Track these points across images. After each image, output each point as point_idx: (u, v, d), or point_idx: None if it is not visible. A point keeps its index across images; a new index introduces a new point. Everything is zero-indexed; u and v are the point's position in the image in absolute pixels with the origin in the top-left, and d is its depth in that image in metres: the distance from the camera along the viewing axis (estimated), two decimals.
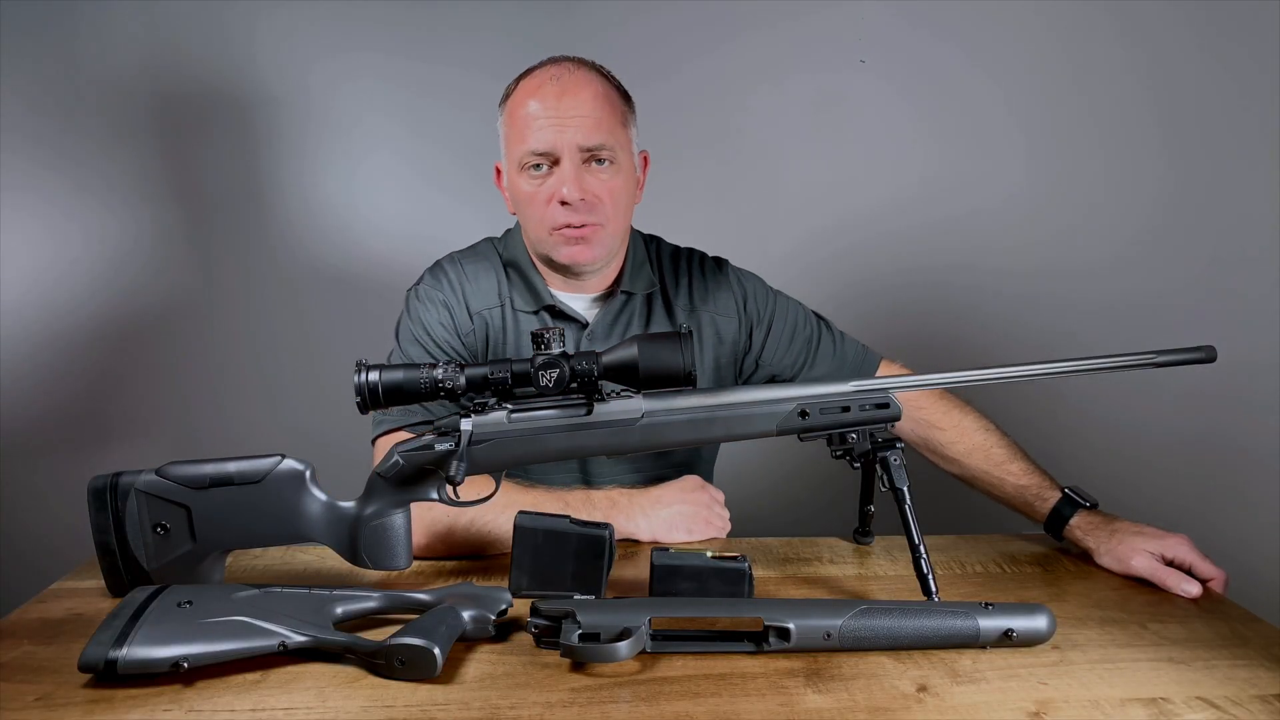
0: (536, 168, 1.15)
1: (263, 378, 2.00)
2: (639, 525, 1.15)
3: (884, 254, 1.99)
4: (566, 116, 1.13)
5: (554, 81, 1.14)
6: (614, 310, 1.26)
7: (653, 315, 1.28)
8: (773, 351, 1.32)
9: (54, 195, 1.90)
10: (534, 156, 1.14)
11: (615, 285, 1.27)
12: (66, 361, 1.93)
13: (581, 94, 1.14)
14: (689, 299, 1.30)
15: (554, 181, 1.15)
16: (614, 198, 1.17)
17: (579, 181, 1.14)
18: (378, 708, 0.75)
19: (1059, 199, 1.95)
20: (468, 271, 1.27)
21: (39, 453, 1.94)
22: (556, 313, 1.25)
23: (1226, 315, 1.89)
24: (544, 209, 1.16)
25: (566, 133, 1.13)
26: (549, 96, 1.13)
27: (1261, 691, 0.78)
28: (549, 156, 1.14)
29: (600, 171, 1.16)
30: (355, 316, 1.96)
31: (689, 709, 0.75)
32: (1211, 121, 1.88)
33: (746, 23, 1.93)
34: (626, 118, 1.20)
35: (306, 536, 0.96)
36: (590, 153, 1.14)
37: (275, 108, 1.93)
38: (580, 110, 1.13)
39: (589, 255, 1.18)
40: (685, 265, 1.33)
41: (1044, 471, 1.18)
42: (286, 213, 1.97)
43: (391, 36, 1.92)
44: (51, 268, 1.91)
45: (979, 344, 1.97)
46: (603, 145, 1.14)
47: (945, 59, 1.93)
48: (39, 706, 0.76)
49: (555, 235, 1.17)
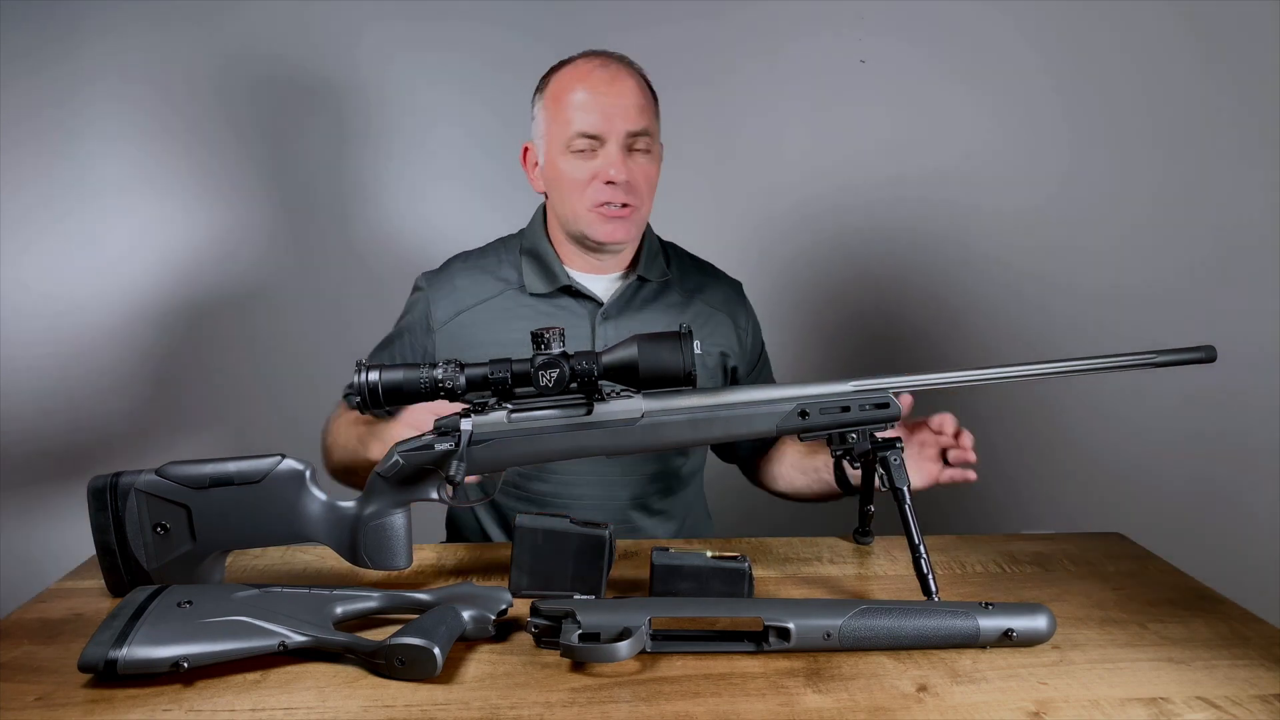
0: (581, 150, 1.22)
1: (262, 379, 2.00)
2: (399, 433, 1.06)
3: (883, 253, 1.99)
4: (614, 102, 1.21)
5: (602, 69, 1.23)
6: (628, 293, 1.30)
7: (668, 303, 1.33)
8: (745, 372, 1.40)
9: (54, 200, 1.89)
10: (582, 139, 1.21)
11: (629, 269, 1.32)
12: (67, 363, 1.93)
13: (627, 82, 1.23)
14: (702, 298, 1.36)
15: (600, 162, 1.22)
16: (649, 183, 1.26)
17: (624, 163, 1.21)
18: (378, 708, 0.75)
19: (1059, 198, 1.95)
20: (468, 269, 1.32)
21: (39, 453, 1.94)
22: (573, 292, 1.29)
23: (1226, 315, 1.89)
24: (586, 187, 1.23)
25: (615, 117, 1.21)
26: (598, 83, 1.21)
27: (1261, 691, 0.78)
28: (598, 139, 1.21)
29: (639, 157, 1.24)
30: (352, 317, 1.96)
31: (689, 709, 0.75)
32: (1211, 120, 1.88)
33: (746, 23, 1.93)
34: (657, 111, 1.29)
35: (306, 536, 0.96)
36: (633, 137, 1.22)
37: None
38: (626, 98, 1.21)
39: (623, 233, 1.25)
40: (712, 272, 1.42)
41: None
42: (282, 214, 1.97)
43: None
44: (52, 272, 1.91)
45: (976, 342, 1.97)
46: (645, 131, 1.23)
47: (946, 57, 1.93)
48: (39, 706, 0.76)
49: (595, 212, 1.23)
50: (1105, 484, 1.94)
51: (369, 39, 1.92)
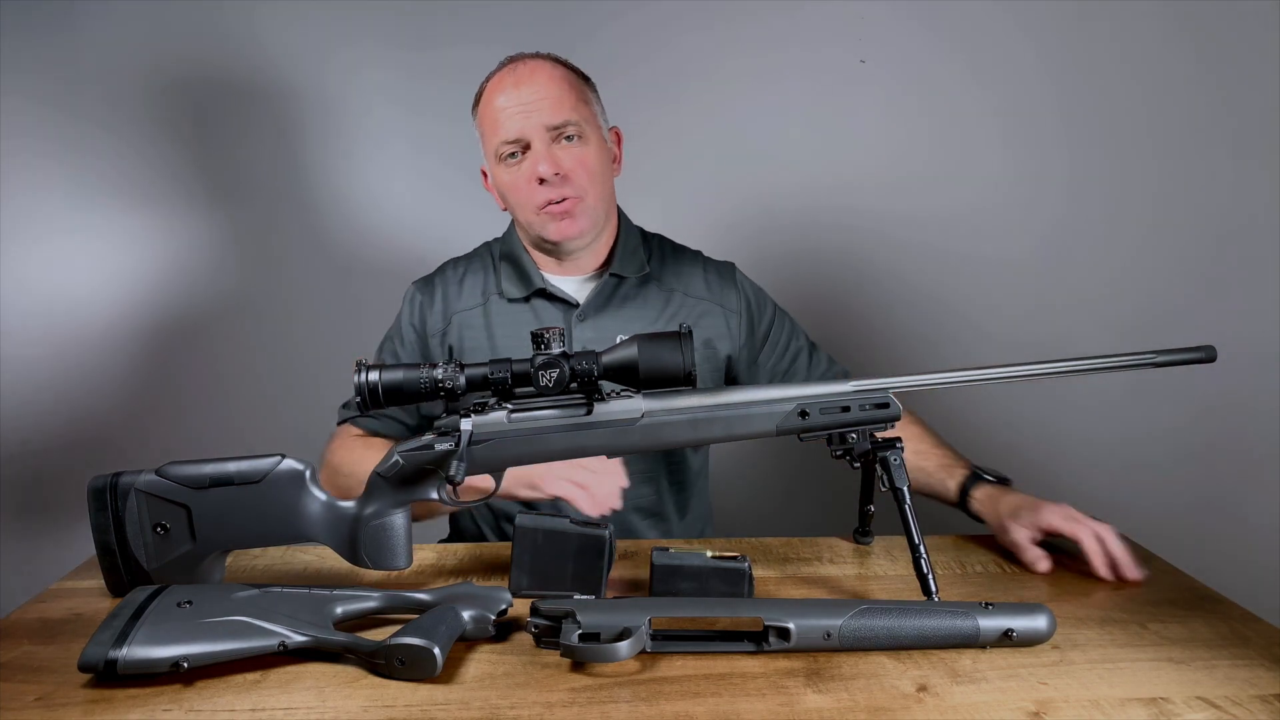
0: (512, 156, 1.22)
1: (262, 379, 2.00)
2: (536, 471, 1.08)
3: (882, 254, 1.99)
4: (528, 101, 1.20)
5: (511, 73, 1.23)
6: (605, 292, 1.29)
7: (646, 299, 1.31)
8: (767, 357, 1.36)
9: (54, 200, 1.90)
10: (507, 145, 1.22)
11: (605, 267, 1.31)
12: (67, 363, 1.93)
13: (537, 78, 1.21)
14: (683, 289, 1.33)
15: (529, 164, 1.21)
16: (587, 169, 1.23)
17: (551, 158, 1.20)
18: (378, 708, 0.75)
19: (1059, 197, 1.95)
20: (458, 276, 1.34)
21: (39, 453, 1.94)
22: (548, 295, 1.29)
23: (1226, 315, 1.89)
24: (526, 191, 1.22)
25: (531, 116, 1.20)
26: (509, 88, 1.21)
27: (1261, 691, 0.78)
28: (520, 142, 1.21)
29: (570, 147, 1.22)
30: (352, 317, 1.96)
31: (689, 709, 0.75)
32: (1212, 120, 1.88)
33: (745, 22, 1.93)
34: (587, 95, 1.27)
35: (306, 536, 0.96)
36: (557, 130, 1.21)
37: (275, 111, 1.93)
38: (539, 94, 1.20)
39: (576, 228, 1.24)
40: (692, 259, 1.38)
41: (955, 451, 1.21)
42: (281, 215, 1.97)
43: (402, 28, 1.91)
44: (52, 272, 1.91)
45: (974, 343, 1.97)
46: (566, 121, 1.21)
47: (942, 57, 1.92)
48: (39, 706, 0.76)
49: (542, 215, 1.23)
50: (1105, 484, 1.94)
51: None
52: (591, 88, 1.29)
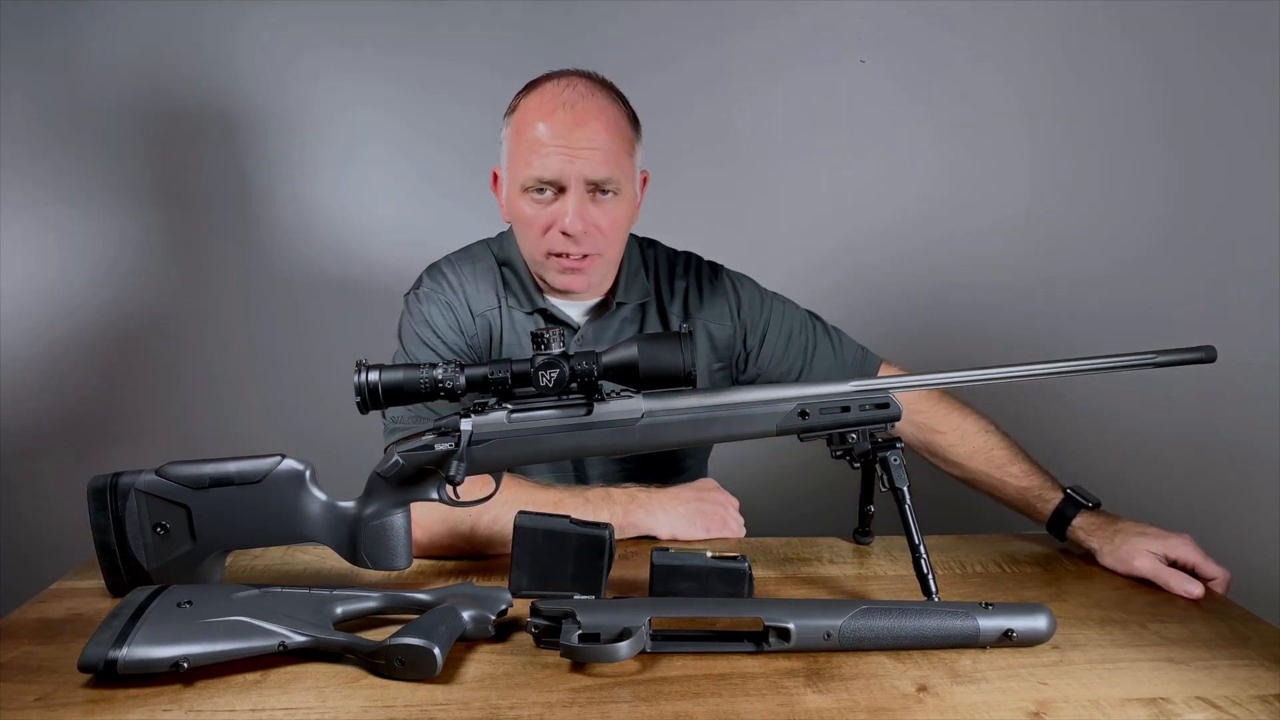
0: (540, 192, 1.14)
1: (261, 379, 2.00)
2: (659, 521, 1.14)
3: (884, 257, 1.99)
4: (576, 148, 1.11)
5: (567, 110, 1.12)
6: (607, 321, 1.26)
7: (646, 325, 1.28)
8: (768, 358, 1.32)
9: (54, 201, 1.90)
10: (539, 183, 1.13)
11: (610, 295, 1.27)
12: (67, 363, 1.93)
13: (593, 124, 1.12)
14: (684, 307, 1.30)
15: (556, 209, 1.14)
16: (615, 228, 1.17)
17: (582, 213, 1.13)
18: (378, 708, 0.75)
19: (1061, 206, 1.95)
20: (466, 274, 1.27)
21: (39, 453, 1.94)
22: (549, 316, 1.25)
23: (1226, 315, 1.89)
24: (543, 233, 1.16)
25: (575, 164, 1.11)
26: (561, 125, 1.11)
27: (1261, 691, 0.78)
28: (555, 185, 1.13)
29: (604, 202, 1.15)
30: (352, 318, 1.96)
31: (689, 709, 0.75)
32: (1212, 127, 1.88)
33: (745, 23, 1.93)
34: (633, 145, 1.19)
35: (306, 536, 0.96)
36: (596, 185, 1.14)
37: (266, 110, 1.93)
38: (591, 143, 1.11)
39: (583, 284, 1.19)
40: (682, 272, 1.32)
41: (1046, 472, 1.18)
42: (280, 215, 1.97)
43: (384, 31, 1.91)
44: (52, 271, 1.91)
45: (979, 348, 1.97)
46: (610, 179, 1.13)
47: (947, 66, 1.93)
48: (39, 706, 0.76)
49: (552, 260, 1.17)
50: (1105, 484, 1.93)
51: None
52: (638, 133, 1.20)
